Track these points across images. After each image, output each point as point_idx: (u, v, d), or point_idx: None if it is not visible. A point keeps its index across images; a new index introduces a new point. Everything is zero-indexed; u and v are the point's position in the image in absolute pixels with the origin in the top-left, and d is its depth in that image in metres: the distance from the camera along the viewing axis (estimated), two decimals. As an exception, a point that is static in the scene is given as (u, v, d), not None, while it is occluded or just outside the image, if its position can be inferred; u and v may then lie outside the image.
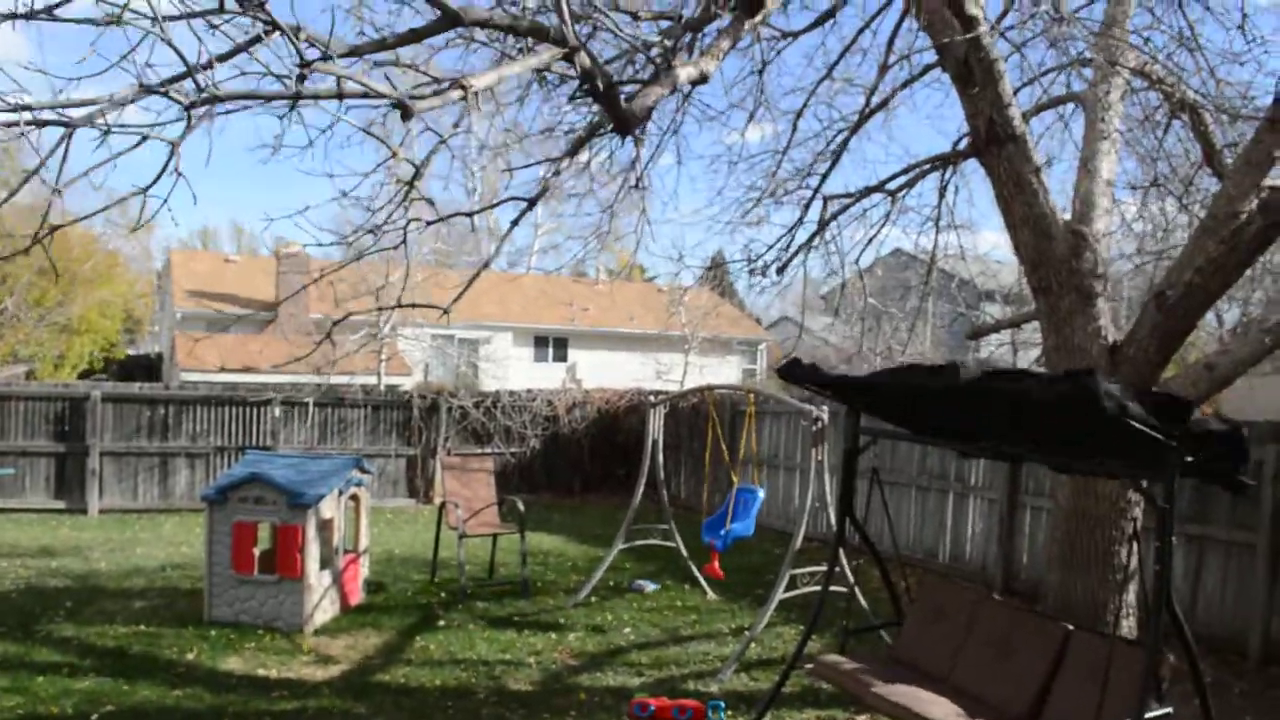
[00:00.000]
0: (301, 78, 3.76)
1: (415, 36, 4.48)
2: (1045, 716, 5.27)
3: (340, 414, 15.91)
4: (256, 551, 8.34)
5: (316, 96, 4.00)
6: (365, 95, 4.04)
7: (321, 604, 8.44)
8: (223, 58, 3.99)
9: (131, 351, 37.98)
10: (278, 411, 15.31)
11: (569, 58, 4.65)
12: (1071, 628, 5.53)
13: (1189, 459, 4.35)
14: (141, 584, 9.74)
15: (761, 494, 9.38)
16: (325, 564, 8.55)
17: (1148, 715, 4.55)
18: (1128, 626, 6.82)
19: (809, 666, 6.43)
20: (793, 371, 6.17)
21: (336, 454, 13.75)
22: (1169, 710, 4.84)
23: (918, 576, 7.55)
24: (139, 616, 8.50)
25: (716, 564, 9.17)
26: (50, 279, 28.87)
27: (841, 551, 6.69)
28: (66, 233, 29.81)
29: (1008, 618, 5.95)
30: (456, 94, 4.33)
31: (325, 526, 8.54)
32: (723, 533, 9.11)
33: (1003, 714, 5.26)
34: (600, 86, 4.99)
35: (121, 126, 3.86)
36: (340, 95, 4.01)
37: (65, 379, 29.35)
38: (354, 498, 9.24)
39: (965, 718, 5.17)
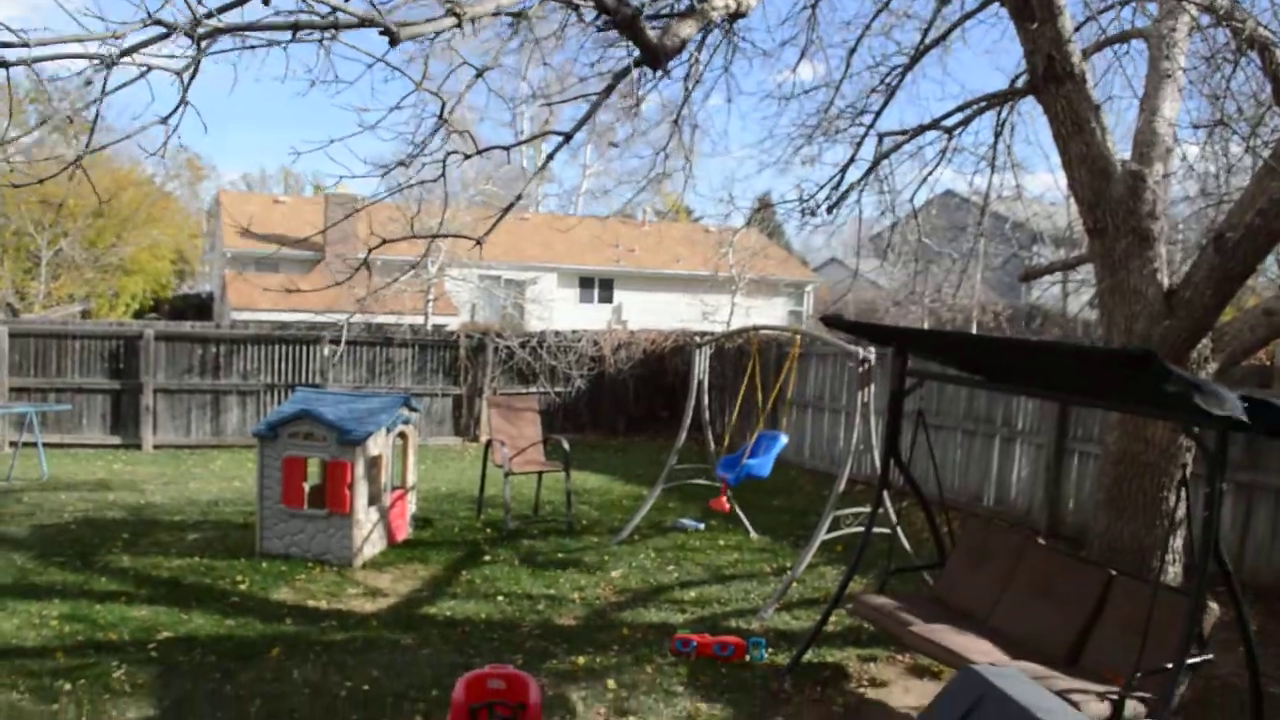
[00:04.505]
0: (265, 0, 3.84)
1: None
2: (1085, 660, 5.27)
3: (388, 353, 16.06)
4: (306, 486, 8.49)
5: (313, 26, 4.08)
6: (359, 24, 4.10)
7: (370, 538, 8.58)
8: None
9: (185, 291, 38.56)
10: (326, 350, 15.48)
11: None
12: (1114, 573, 5.50)
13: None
14: (195, 517, 9.96)
15: (784, 439, 9.42)
16: (373, 499, 8.68)
17: (1189, 662, 4.53)
18: (1174, 573, 6.76)
19: (850, 606, 6.46)
20: (839, 322, 6.15)
21: (385, 392, 13.90)
22: (1210, 657, 4.81)
23: (961, 520, 7.53)
24: (193, 548, 8.70)
25: (724, 499, 9.20)
26: (104, 220, 29.31)
27: (885, 493, 6.68)
28: (119, 175, 30.20)
29: (1051, 562, 5.92)
30: (449, 21, 4.34)
31: (374, 463, 8.66)
32: (738, 466, 9.14)
33: (1042, 656, 5.25)
34: (621, 16, 4.92)
35: (142, 45, 3.93)
36: (336, 25, 4.07)
37: (120, 318, 29.89)
38: (402, 435, 9.35)
39: (1004, 659, 5.17)
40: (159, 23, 3.77)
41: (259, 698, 5.54)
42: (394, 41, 4.17)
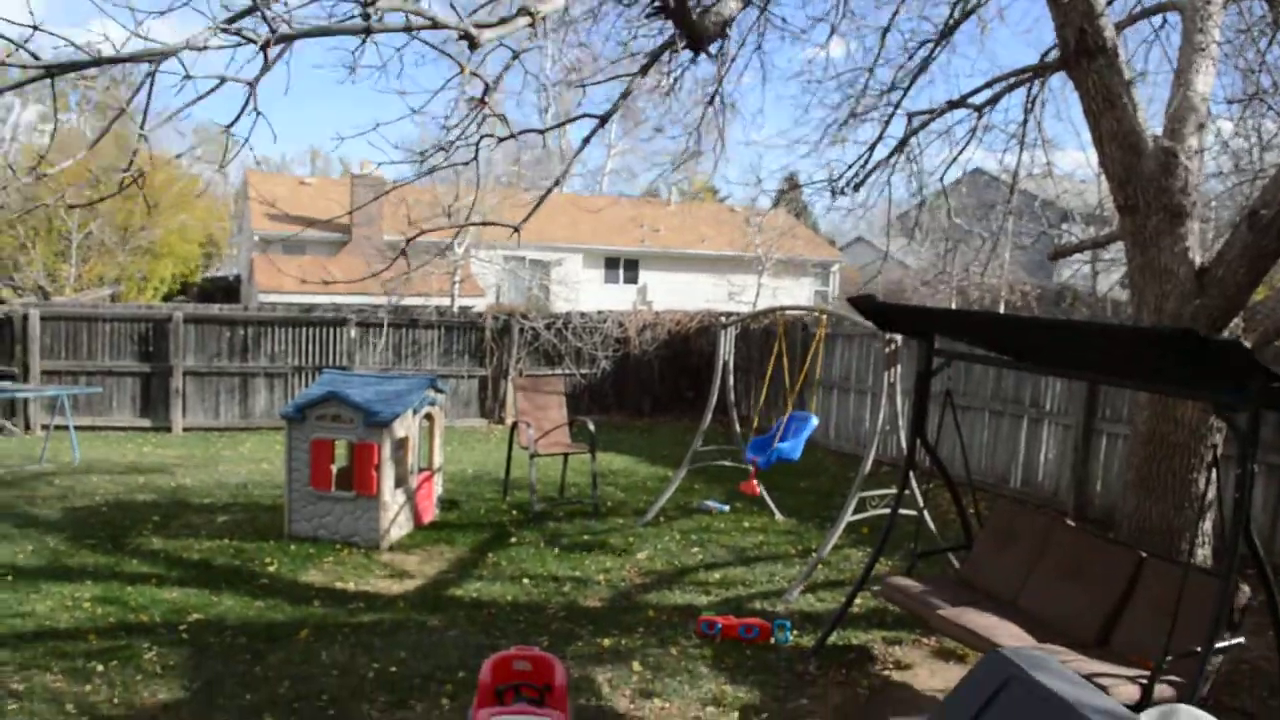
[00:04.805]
0: (366, 15, 3.82)
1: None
2: (1114, 642, 5.22)
3: (414, 335, 16.12)
4: (334, 469, 8.54)
5: (386, 30, 4.06)
6: (433, 26, 4.08)
7: (397, 520, 8.63)
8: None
9: (212, 273, 38.81)
10: (353, 332, 15.56)
11: None
12: (1145, 554, 5.45)
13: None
14: (224, 499, 10.05)
15: (815, 421, 9.37)
16: (400, 481, 8.73)
17: (1219, 645, 4.48)
18: (1203, 555, 6.70)
19: (876, 588, 6.44)
20: (867, 304, 6.10)
21: (411, 374, 13.96)
22: (1241, 640, 4.76)
23: (988, 502, 7.48)
24: (222, 530, 8.78)
25: (754, 481, 9.17)
26: (134, 203, 29.47)
27: (912, 475, 6.64)
28: (149, 159, 30.35)
29: (1080, 543, 5.87)
30: (524, 20, 4.32)
31: (400, 445, 8.69)
32: (768, 450, 9.12)
33: (1070, 639, 5.21)
34: (671, 2, 4.91)
35: (212, 47, 3.92)
36: (409, 28, 4.06)
37: (149, 301, 30.14)
38: (428, 417, 9.39)
39: (1031, 641, 5.14)
40: (232, 33, 3.77)
41: (288, 679, 5.59)
42: (473, 46, 4.18)
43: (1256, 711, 5.53)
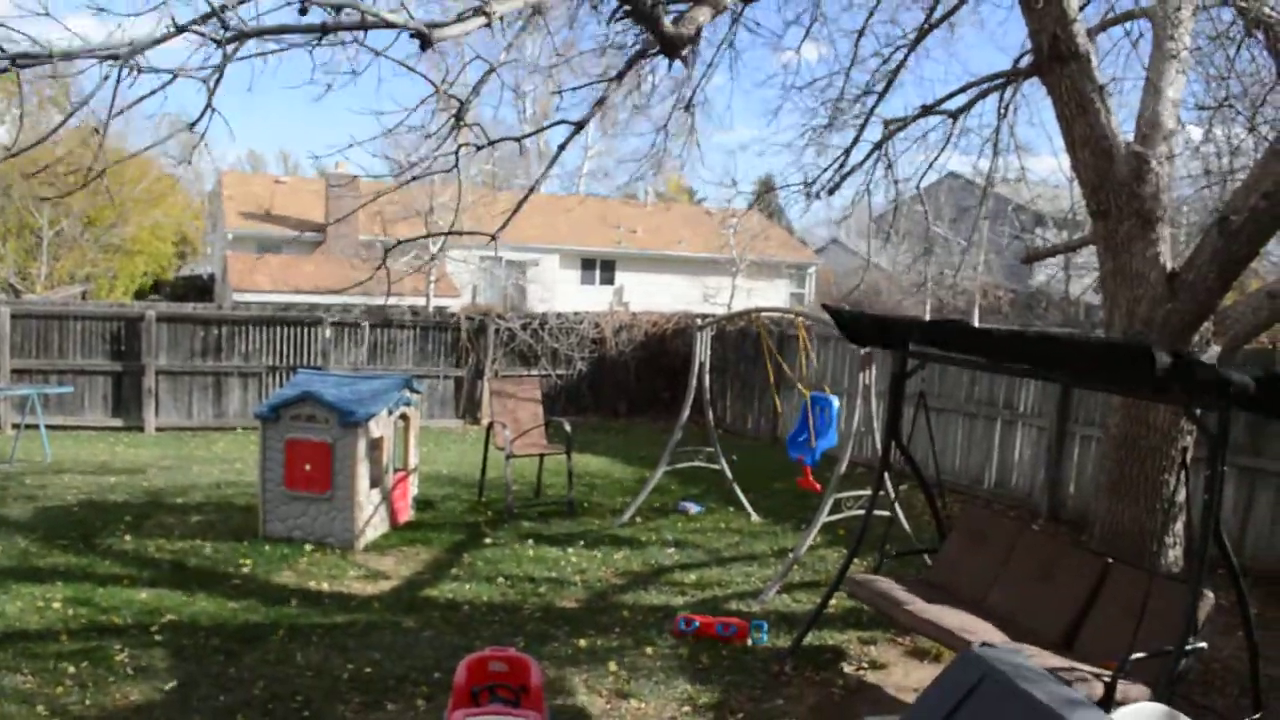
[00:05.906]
0: (303, 10, 3.85)
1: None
2: (1079, 645, 5.28)
3: (389, 335, 16.05)
4: (308, 468, 8.49)
5: (340, 28, 4.09)
6: (386, 25, 4.10)
7: (372, 521, 8.60)
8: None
9: (186, 272, 38.49)
10: (328, 332, 15.48)
11: None
12: (1110, 560, 5.52)
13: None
14: (198, 499, 9.97)
15: (836, 401, 9.25)
16: (375, 482, 8.69)
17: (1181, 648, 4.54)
18: (1174, 556, 6.78)
19: (846, 588, 6.47)
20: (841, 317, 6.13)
21: (386, 374, 13.90)
22: (1204, 645, 4.82)
23: (962, 503, 7.53)
24: (195, 531, 8.72)
25: (810, 476, 9.13)
26: (104, 200, 29.20)
27: (886, 475, 6.68)
28: (121, 155, 30.07)
29: (1048, 547, 5.95)
30: (479, 21, 4.33)
31: (375, 445, 8.66)
32: (809, 446, 9.10)
33: (1036, 639, 5.26)
34: (642, 6, 4.92)
35: (173, 44, 3.93)
36: (363, 26, 4.08)
37: (120, 299, 29.85)
38: (404, 417, 9.35)
39: (1000, 639, 5.18)
40: (188, 30, 3.77)
41: (262, 680, 5.56)
42: (425, 45, 4.17)
43: (1227, 711, 5.59)
